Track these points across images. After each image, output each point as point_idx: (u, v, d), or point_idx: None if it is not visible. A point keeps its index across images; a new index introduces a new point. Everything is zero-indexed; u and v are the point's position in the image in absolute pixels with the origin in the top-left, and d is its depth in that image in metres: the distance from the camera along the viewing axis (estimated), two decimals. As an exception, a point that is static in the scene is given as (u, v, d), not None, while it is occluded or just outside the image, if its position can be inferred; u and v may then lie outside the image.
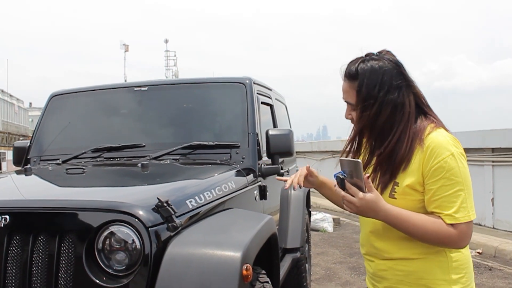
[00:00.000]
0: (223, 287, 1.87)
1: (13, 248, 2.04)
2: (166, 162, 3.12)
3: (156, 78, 3.70)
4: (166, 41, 35.24)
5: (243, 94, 3.47)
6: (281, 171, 3.40)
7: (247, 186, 3.01)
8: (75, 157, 3.36)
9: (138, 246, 1.98)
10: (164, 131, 3.52)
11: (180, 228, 2.09)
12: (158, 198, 2.07)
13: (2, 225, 2.05)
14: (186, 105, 3.59)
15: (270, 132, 3.30)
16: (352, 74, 1.71)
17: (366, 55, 1.75)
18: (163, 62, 34.40)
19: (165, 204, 2.06)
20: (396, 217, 1.61)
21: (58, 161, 3.34)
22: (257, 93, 3.65)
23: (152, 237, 1.99)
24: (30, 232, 2.03)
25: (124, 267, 1.99)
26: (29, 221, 2.08)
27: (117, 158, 3.33)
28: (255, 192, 3.15)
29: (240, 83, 3.52)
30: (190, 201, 2.28)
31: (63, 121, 3.73)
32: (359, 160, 1.57)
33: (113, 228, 2.02)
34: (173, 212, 2.07)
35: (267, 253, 2.68)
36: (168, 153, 3.22)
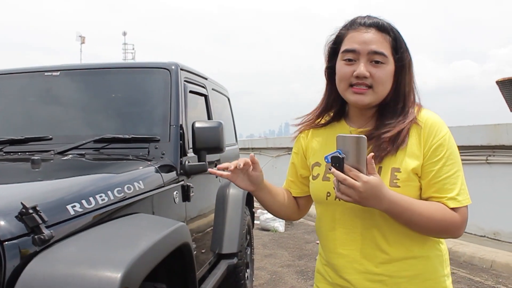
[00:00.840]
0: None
1: None
2: (67, 158, 2.67)
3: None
4: (125, 33, 34.19)
5: (166, 81, 3.05)
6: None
7: (163, 186, 2.60)
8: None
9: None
10: (76, 122, 3.07)
11: (51, 241, 1.67)
12: (22, 204, 1.64)
13: None
14: (107, 93, 3.16)
15: (196, 125, 2.90)
16: (384, 27, 1.48)
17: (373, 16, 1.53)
18: (121, 55, 33.24)
19: (31, 211, 1.64)
20: (400, 205, 1.36)
21: None
22: (186, 81, 3.24)
23: (9, 253, 1.56)
24: None
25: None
26: None
27: (19, 152, 2.87)
28: (175, 193, 2.74)
29: (164, 68, 3.10)
30: (73, 206, 1.86)
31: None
32: (364, 136, 1.29)
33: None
34: (41, 221, 1.65)
35: (181, 266, 2.30)
36: (76, 147, 2.79)
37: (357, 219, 1.48)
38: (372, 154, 1.31)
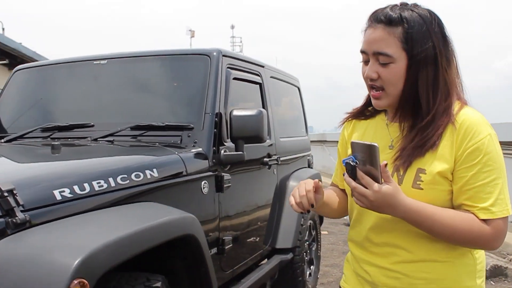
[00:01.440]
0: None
1: None
2: (93, 145, 2.70)
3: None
4: (233, 26, 34.83)
5: (206, 68, 2.96)
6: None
7: (185, 176, 2.52)
8: (21, 136, 3.03)
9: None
10: (117, 109, 3.11)
11: (27, 225, 1.66)
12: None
13: None
14: (149, 81, 3.16)
15: (234, 113, 2.79)
16: (393, 19, 1.35)
17: (402, 3, 1.40)
18: (228, 48, 34.01)
19: (6, 194, 1.64)
20: (419, 214, 1.31)
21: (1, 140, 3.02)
22: (231, 68, 3.14)
23: (-21, 236, 1.58)
24: None
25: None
26: None
27: (64, 138, 2.96)
28: (203, 183, 2.65)
29: (205, 55, 3.02)
30: (62, 192, 1.84)
31: (23, 97, 3.44)
32: (376, 144, 1.24)
33: None
34: (15, 205, 1.65)
35: (189, 258, 2.23)
36: (111, 134, 2.81)
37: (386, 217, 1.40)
38: (385, 162, 1.27)
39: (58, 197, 1.82)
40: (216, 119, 2.82)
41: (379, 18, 1.37)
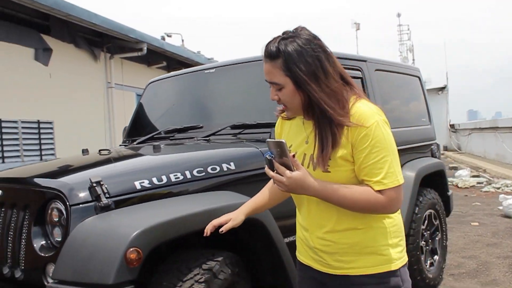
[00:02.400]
0: (102, 268, 1.91)
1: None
2: (192, 143, 3.17)
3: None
4: (399, 15, 33.49)
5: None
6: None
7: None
8: (150, 138, 3.65)
9: (64, 222, 2.15)
10: (221, 111, 3.55)
11: (111, 207, 2.17)
12: (89, 179, 2.18)
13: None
14: (248, 84, 3.54)
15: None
16: (273, 53, 1.66)
17: (283, 33, 1.70)
18: (396, 37, 32.62)
19: (94, 185, 2.17)
20: (325, 191, 1.63)
21: (134, 143, 3.69)
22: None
23: (74, 214, 2.12)
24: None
25: (60, 240, 2.18)
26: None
27: (178, 139, 3.49)
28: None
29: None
30: (141, 182, 2.32)
31: (153, 106, 4.10)
32: (283, 140, 1.57)
33: (54, 205, 2.22)
34: (101, 192, 2.16)
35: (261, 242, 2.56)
36: (213, 134, 3.26)
37: (312, 199, 1.75)
38: (293, 153, 1.63)
39: (138, 187, 2.31)
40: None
41: (265, 54, 1.68)
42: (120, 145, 3.93)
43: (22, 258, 2.27)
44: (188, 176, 2.49)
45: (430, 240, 4.35)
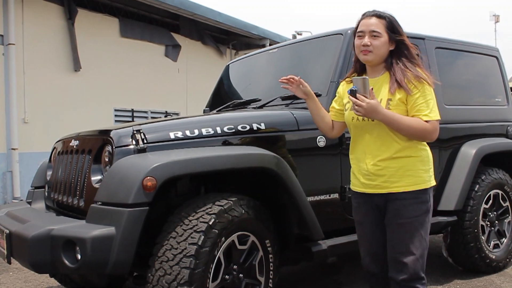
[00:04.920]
0: (126, 191, 2.43)
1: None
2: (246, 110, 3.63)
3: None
4: None
5: (338, 45, 3.52)
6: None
7: (297, 130, 3.18)
8: (223, 109, 4.13)
9: (111, 159, 2.72)
10: (276, 86, 3.91)
11: (147, 151, 2.68)
12: (132, 128, 2.73)
13: (74, 146, 3.14)
14: (299, 61, 3.89)
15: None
16: (381, 14, 2.44)
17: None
18: None
19: (135, 132, 2.71)
20: (391, 117, 2.28)
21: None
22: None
23: (117, 155, 2.68)
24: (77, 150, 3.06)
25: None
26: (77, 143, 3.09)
27: (239, 109, 3.93)
28: (319, 137, 3.23)
29: (339, 34, 3.58)
30: (176, 133, 2.80)
31: (228, 84, 4.61)
32: (367, 77, 2.28)
33: (106, 148, 2.81)
34: (140, 139, 2.69)
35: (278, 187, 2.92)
36: (265, 105, 3.65)
37: (368, 134, 2.43)
38: (371, 87, 2.28)
39: (172, 136, 2.79)
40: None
41: (374, 14, 2.43)
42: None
43: (84, 190, 2.89)
44: (219, 131, 2.92)
45: (497, 221, 4.28)
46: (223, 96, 4.56)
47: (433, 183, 2.44)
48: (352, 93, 2.25)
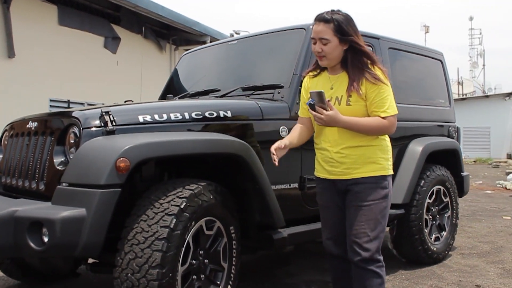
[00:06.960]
0: (97, 172, 2.37)
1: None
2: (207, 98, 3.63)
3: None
4: (471, 18, 32.39)
5: (301, 39, 3.61)
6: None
7: (262, 120, 3.22)
8: (180, 98, 4.10)
9: (77, 140, 2.64)
10: (235, 77, 3.96)
11: (115, 133, 2.63)
12: (100, 110, 2.66)
13: (32, 128, 3.01)
14: (259, 54, 3.97)
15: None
16: (326, 19, 2.50)
17: (331, 10, 2.57)
18: (466, 41, 31.70)
19: (104, 114, 2.65)
20: (350, 122, 2.46)
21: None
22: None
23: (85, 136, 2.60)
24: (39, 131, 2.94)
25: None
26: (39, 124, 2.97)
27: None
28: (282, 128, 3.28)
29: (301, 28, 3.67)
30: (144, 117, 2.77)
31: (184, 74, 4.59)
32: (323, 91, 2.40)
33: (72, 129, 2.72)
34: (108, 120, 2.63)
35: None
36: (225, 95, 3.67)
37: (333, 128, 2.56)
38: (329, 99, 2.46)
39: (141, 120, 2.75)
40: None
41: (320, 19, 2.51)
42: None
43: (45, 173, 2.78)
44: (187, 117, 2.92)
45: (438, 216, 4.54)
46: (179, 86, 4.53)
47: (391, 172, 2.61)
48: (311, 106, 2.40)
